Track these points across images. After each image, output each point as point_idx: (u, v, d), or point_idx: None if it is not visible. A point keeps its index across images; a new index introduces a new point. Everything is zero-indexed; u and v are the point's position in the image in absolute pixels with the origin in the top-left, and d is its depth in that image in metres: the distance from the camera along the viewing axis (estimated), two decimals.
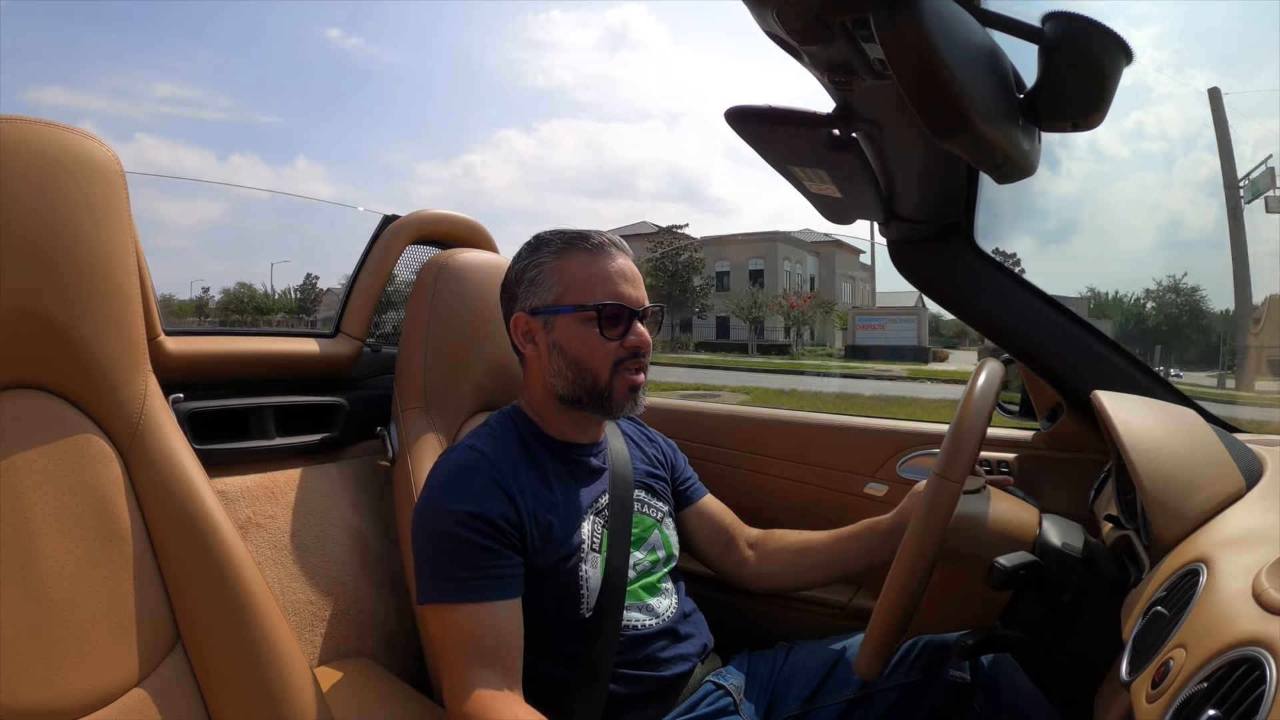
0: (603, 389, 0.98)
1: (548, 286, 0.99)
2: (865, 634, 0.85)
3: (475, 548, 0.88)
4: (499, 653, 0.86)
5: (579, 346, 0.97)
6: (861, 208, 1.02)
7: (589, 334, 0.97)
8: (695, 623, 1.06)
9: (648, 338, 0.99)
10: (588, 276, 0.98)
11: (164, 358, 1.05)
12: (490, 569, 0.88)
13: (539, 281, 1.00)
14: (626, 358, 0.98)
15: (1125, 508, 0.90)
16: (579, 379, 0.98)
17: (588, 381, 0.98)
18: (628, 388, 0.98)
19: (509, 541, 0.90)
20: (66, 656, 0.68)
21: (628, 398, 0.98)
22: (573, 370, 0.98)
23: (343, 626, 1.17)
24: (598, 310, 0.96)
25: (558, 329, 0.98)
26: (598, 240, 1.00)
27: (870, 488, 1.39)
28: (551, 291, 0.99)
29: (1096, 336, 1.10)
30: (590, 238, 1.00)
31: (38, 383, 0.73)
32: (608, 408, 0.99)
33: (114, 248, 0.77)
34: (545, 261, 1.00)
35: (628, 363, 0.98)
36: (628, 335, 0.97)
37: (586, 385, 0.98)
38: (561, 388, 0.99)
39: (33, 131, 0.72)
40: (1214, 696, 0.45)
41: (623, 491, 1.03)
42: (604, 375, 0.97)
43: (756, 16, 0.63)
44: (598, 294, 0.97)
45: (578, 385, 0.98)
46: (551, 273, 0.99)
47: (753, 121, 0.81)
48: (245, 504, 1.14)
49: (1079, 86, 0.61)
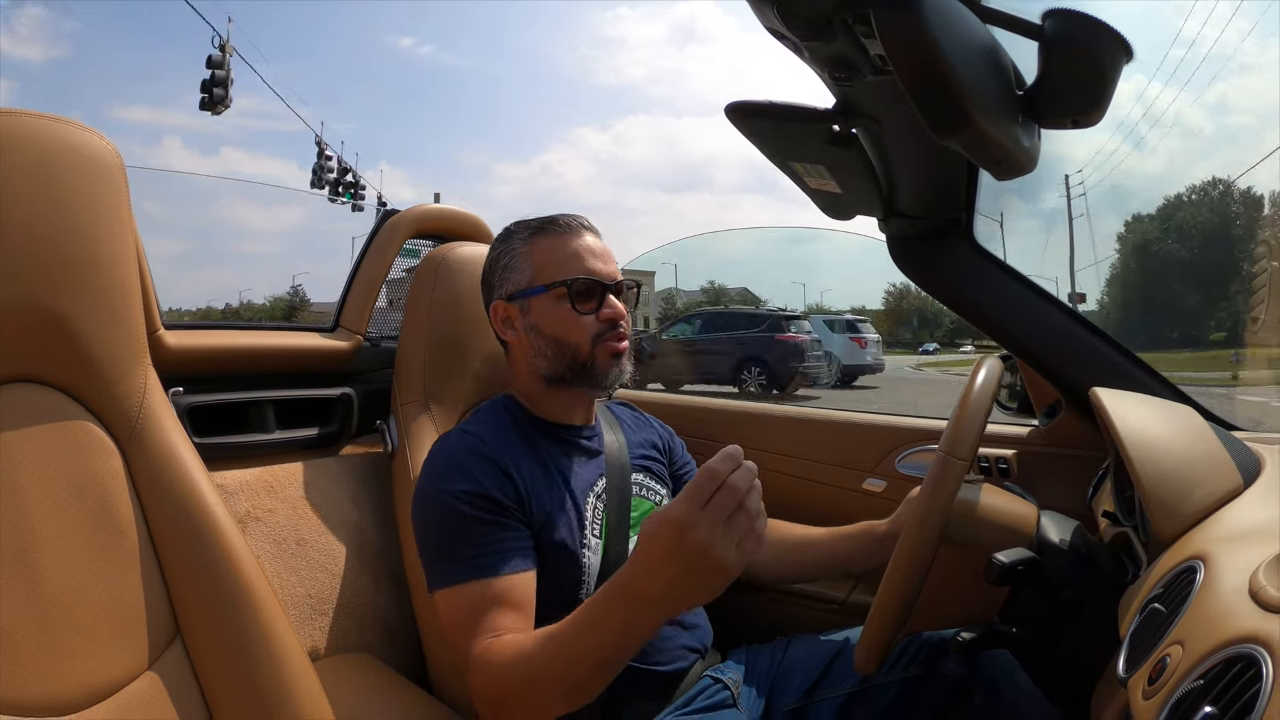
0: (585, 360, 0.99)
1: (520, 271, 1.02)
2: (864, 627, 0.85)
3: (479, 523, 0.88)
4: (517, 620, 0.85)
5: (555, 324, 1.00)
6: (861, 204, 1.01)
7: (563, 310, 0.99)
8: (694, 615, 1.06)
9: (622, 309, 1.01)
10: (557, 256, 1.01)
11: (164, 352, 1.05)
12: (498, 543, 0.88)
13: (511, 268, 1.03)
14: (605, 330, 1.00)
15: (1123, 505, 0.90)
16: (560, 356, 1.00)
17: (569, 356, 0.99)
18: (610, 354, 1.00)
19: (514, 515, 0.91)
20: (66, 650, 0.68)
21: (612, 364, 1.00)
22: (553, 349, 1.00)
23: (342, 620, 1.17)
24: (568, 286, 0.99)
25: (534, 311, 1.01)
26: (564, 221, 1.03)
27: (869, 483, 1.40)
28: (524, 275, 1.02)
29: (1096, 333, 1.10)
30: (557, 220, 1.04)
31: (37, 376, 0.73)
32: (594, 378, 1.00)
33: (114, 241, 0.77)
34: (515, 248, 1.03)
35: (607, 334, 1.00)
36: (602, 308, 0.99)
37: (568, 360, 1.00)
38: (545, 368, 1.01)
39: (33, 125, 0.72)
40: (1210, 693, 0.45)
41: (620, 476, 1.04)
42: (585, 348, 0.99)
43: (758, 13, 0.63)
44: (568, 271, 1.00)
45: (559, 362, 1.00)
46: (523, 257, 1.02)
47: (753, 116, 0.81)
48: (244, 498, 1.14)
49: (1079, 83, 0.61)
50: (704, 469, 0.66)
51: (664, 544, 0.66)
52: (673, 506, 0.66)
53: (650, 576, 0.68)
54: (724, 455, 0.67)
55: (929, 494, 0.82)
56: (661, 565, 0.67)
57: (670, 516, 0.66)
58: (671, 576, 0.67)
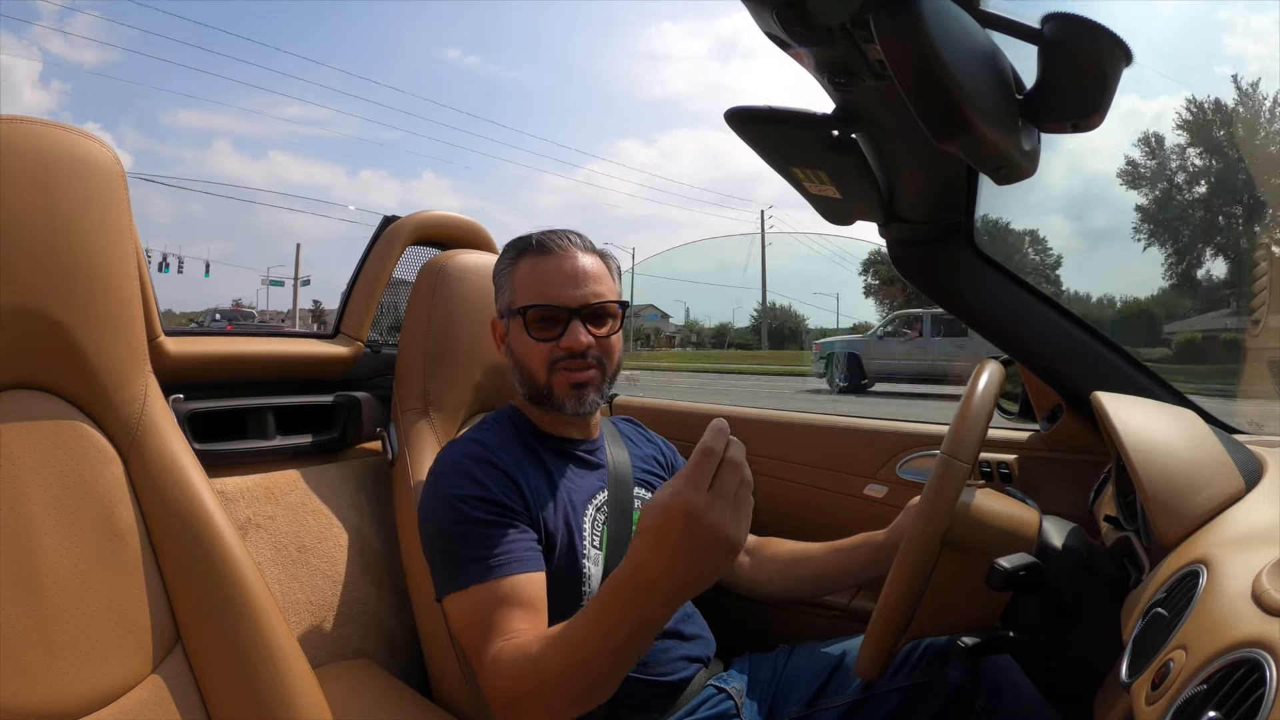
0: (541, 388, 1.00)
1: (505, 291, 1.04)
2: (866, 634, 0.85)
3: (488, 525, 0.88)
4: (529, 620, 0.84)
5: (519, 348, 1.01)
6: (861, 209, 1.01)
7: (523, 336, 1.00)
8: (697, 624, 1.06)
9: (582, 339, 0.98)
10: (528, 280, 1.01)
11: (164, 358, 1.05)
12: (506, 546, 0.88)
13: (501, 286, 1.05)
14: (562, 357, 0.99)
15: (1125, 509, 0.90)
16: (523, 379, 1.02)
17: (529, 381, 1.01)
18: (568, 385, 0.99)
19: (522, 518, 0.91)
20: (66, 656, 0.67)
21: (569, 395, 0.99)
22: (518, 371, 1.02)
23: (343, 627, 1.17)
24: (522, 313, 0.99)
25: (511, 331, 1.03)
26: (546, 241, 1.02)
27: (870, 489, 1.39)
28: (506, 296, 1.04)
29: (1097, 338, 1.10)
30: (543, 240, 1.02)
31: (37, 383, 0.73)
32: (554, 405, 1.00)
33: (114, 248, 0.77)
34: (504, 268, 1.05)
35: (565, 362, 0.99)
36: (562, 337, 0.98)
37: (529, 385, 1.01)
38: (519, 387, 1.03)
39: (33, 131, 0.72)
40: (1214, 698, 0.45)
41: (621, 491, 1.04)
42: (541, 375, 0.99)
43: (757, 17, 0.63)
44: (530, 296, 1.00)
45: (525, 385, 1.02)
46: (507, 277, 1.04)
47: (753, 122, 0.81)
48: (245, 504, 1.14)
49: (1079, 87, 0.61)
50: (700, 449, 0.65)
51: (675, 534, 0.64)
52: (678, 494, 0.64)
53: (661, 568, 0.66)
54: (715, 431, 0.66)
55: (931, 499, 0.82)
56: (674, 555, 0.65)
57: (678, 504, 0.64)
58: (686, 565, 0.65)
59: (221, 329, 2.34)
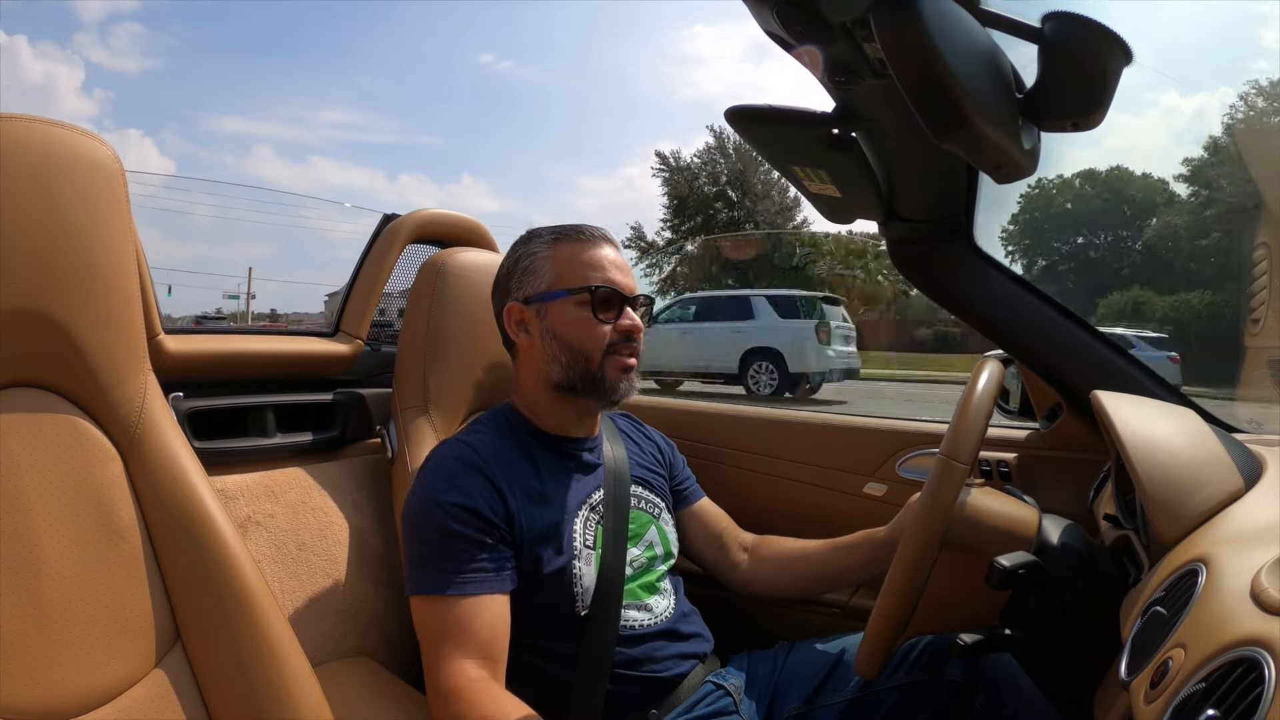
0: (595, 371, 0.99)
1: (541, 275, 1.02)
2: (865, 632, 0.85)
3: (463, 540, 0.89)
4: (484, 647, 0.86)
5: (573, 330, 1.00)
6: (862, 208, 1.01)
7: (582, 316, 0.99)
8: (694, 623, 1.06)
9: (639, 322, 1.02)
10: (580, 263, 1.01)
11: (163, 357, 1.05)
12: (478, 563, 0.89)
13: (532, 270, 1.03)
14: (619, 341, 1.00)
15: (1124, 508, 0.90)
16: (573, 363, 1.00)
17: (581, 365, 1.00)
18: (620, 369, 1.00)
19: (498, 534, 0.91)
20: (66, 654, 0.68)
21: (620, 379, 1.00)
22: (566, 354, 1.00)
23: (342, 625, 1.17)
24: (591, 292, 0.99)
25: (551, 314, 1.01)
26: (588, 231, 1.04)
27: (870, 487, 1.39)
28: (545, 279, 1.02)
29: (1096, 336, 1.10)
30: (581, 229, 1.04)
31: (37, 381, 0.73)
32: (601, 391, 1.00)
33: (114, 246, 0.77)
34: (538, 251, 1.03)
35: (620, 346, 1.00)
36: (620, 319, 1.00)
37: (580, 369, 1.00)
38: (556, 374, 1.01)
39: (33, 130, 0.72)
40: (1213, 696, 0.45)
41: (619, 488, 1.04)
42: (596, 357, 0.99)
43: (757, 16, 0.63)
44: (591, 278, 1.00)
45: (571, 370, 1.00)
46: (544, 261, 1.02)
47: (753, 121, 0.81)
48: (245, 502, 1.14)
49: (1079, 86, 0.61)
50: None
51: None
52: None
53: None
54: None
55: (930, 497, 0.82)
56: None
57: None
58: None
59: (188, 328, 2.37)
